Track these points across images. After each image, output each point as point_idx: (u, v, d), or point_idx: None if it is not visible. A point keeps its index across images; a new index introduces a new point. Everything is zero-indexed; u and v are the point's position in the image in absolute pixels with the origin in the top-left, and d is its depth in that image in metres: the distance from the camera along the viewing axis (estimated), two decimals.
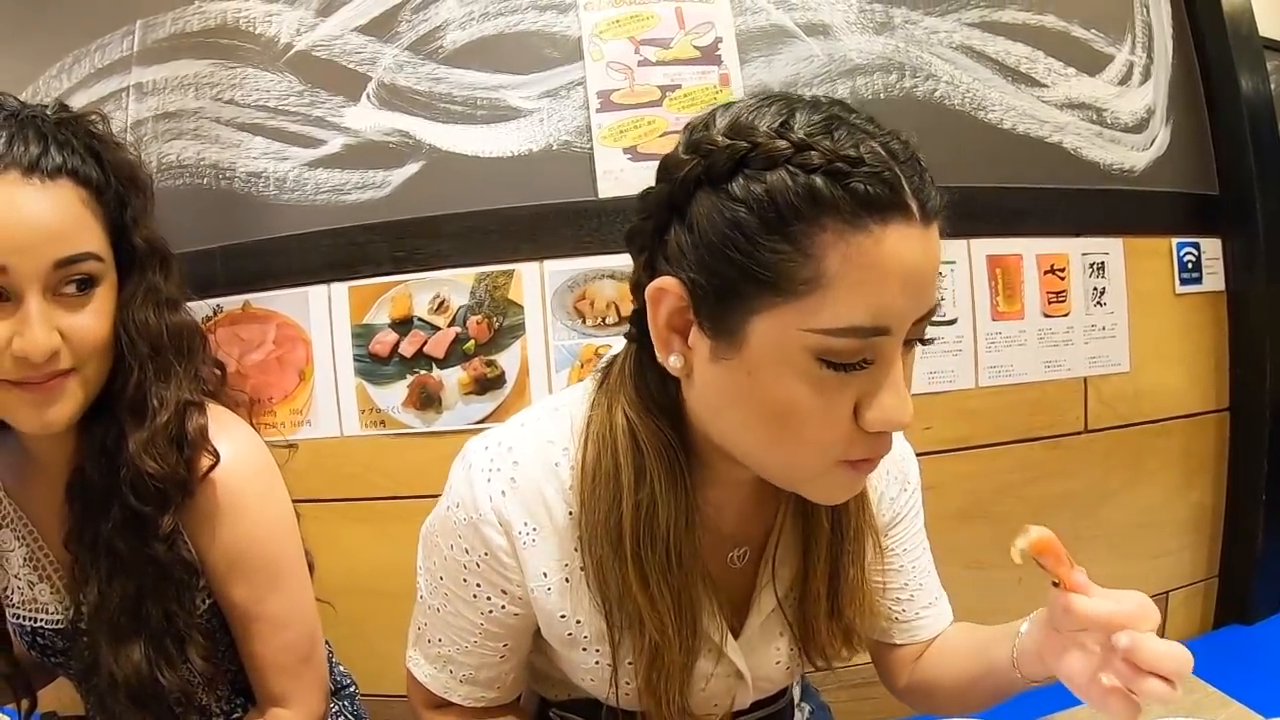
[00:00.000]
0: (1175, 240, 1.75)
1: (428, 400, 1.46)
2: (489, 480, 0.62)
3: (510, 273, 1.45)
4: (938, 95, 1.59)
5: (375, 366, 1.46)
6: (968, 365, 1.60)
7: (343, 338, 1.47)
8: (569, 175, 1.47)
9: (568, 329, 1.46)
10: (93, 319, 0.66)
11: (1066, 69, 1.67)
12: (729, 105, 0.54)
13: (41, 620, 0.78)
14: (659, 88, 1.49)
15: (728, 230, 0.49)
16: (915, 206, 0.48)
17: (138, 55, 1.54)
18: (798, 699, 0.88)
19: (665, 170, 0.55)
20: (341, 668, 0.98)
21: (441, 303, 1.45)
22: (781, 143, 0.48)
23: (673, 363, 0.55)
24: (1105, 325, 1.69)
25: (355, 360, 1.47)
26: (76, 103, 1.02)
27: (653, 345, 0.56)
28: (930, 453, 1.54)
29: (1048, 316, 1.65)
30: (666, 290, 0.53)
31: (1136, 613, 0.52)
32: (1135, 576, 1.72)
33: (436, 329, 1.45)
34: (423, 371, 1.46)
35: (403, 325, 1.45)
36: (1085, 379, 1.68)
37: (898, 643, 0.77)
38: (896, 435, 0.73)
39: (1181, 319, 1.76)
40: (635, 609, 0.60)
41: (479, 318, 1.45)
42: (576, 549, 0.63)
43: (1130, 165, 1.72)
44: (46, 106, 0.68)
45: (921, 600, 0.76)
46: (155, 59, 1.53)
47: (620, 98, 1.48)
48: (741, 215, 0.49)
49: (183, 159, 1.51)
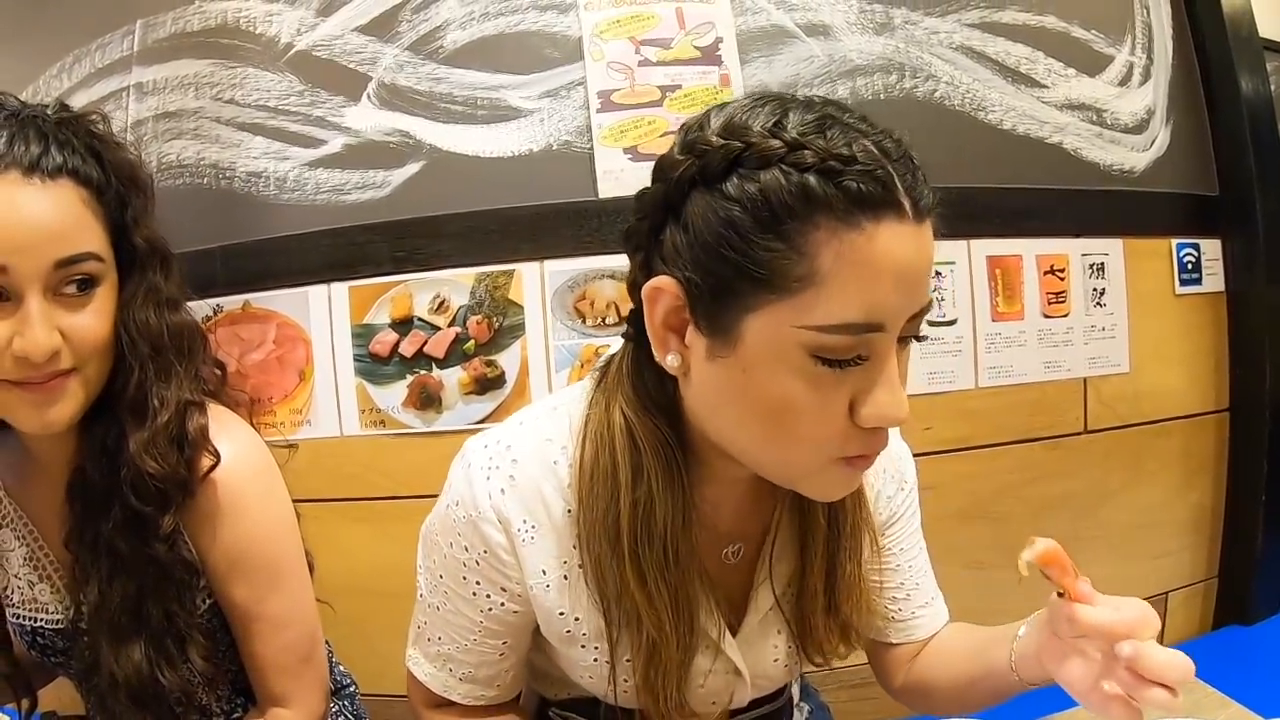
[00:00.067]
0: (1175, 241, 1.75)
1: (428, 400, 1.46)
2: (488, 478, 0.63)
3: (510, 273, 1.45)
4: (938, 96, 1.59)
5: (375, 366, 1.47)
6: (967, 366, 1.60)
7: (343, 338, 1.47)
8: (569, 175, 1.47)
9: (568, 329, 1.46)
10: (93, 319, 0.66)
11: (1066, 70, 1.67)
12: (723, 106, 0.54)
13: (42, 620, 0.78)
14: (659, 88, 1.49)
15: (722, 229, 0.50)
16: (908, 204, 0.48)
17: (138, 55, 1.54)
18: (797, 698, 0.88)
19: (660, 170, 0.55)
20: (341, 668, 0.98)
21: (442, 303, 1.45)
22: (775, 142, 0.48)
23: (670, 362, 0.55)
24: (1105, 326, 1.69)
25: (355, 360, 1.47)
26: (77, 102, 1.02)
27: (650, 344, 0.57)
28: (930, 453, 1.54)
29: (1048, 317, 1.65)
30: (663, 289, 0.54)
31: (1138, 621, 0.52)
32: (1135, 577, 1.71)
33: (436, 329, 1.45)
34: (423, 371, 1.46)
35: (403, 325, 1.46)
36: (1085, 379, 1.68)
37: (893, 642, 0.77)
38: (893, 435, 0.74)
39: (1181, 319, 1.76)
40: (633, 606, 0.61)
41: (479, 318, 1.45)
42: (575, 546, 0.63)
43: (1130, 166, 1.72)
44: (47, 106, 0.68)
45: (918, 600, 0.76)
46: (155, 59, 1.54)
47: (621, 98, 1.48)
48: (736, 214, 0.49)
49: (183, 159, 1.51)
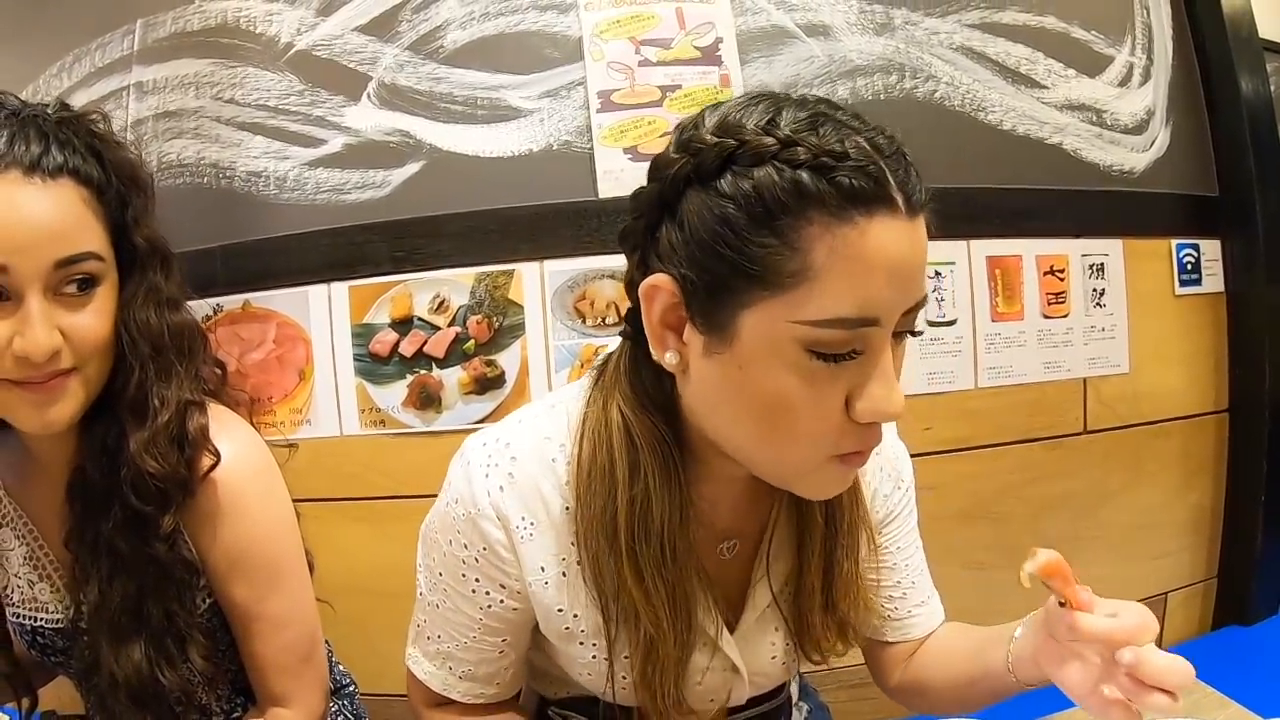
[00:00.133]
0: (1175, 241, 1.75)
1: (428, 400, 1.46)
2: (487, 476, 0.63)
3: (510, 273, 1.45)
4: (938, 96, 1.59)
5: (375, 366, 1.47)
6: (967, 366, 1.60)
7: (343, 337, 1.47)
8: (569, 175, 1.47)
9: (568, 329, 1.46)
10: (94, 318, 0.66)
11: (1066, 70, 1.67)
12: (718, 105, 0.54)
13: (42, 619, 0.78)
14: (659, 88, 1.49)
15: (717, 226, 0.50)
16: (900, 199, 0.49)
17: (138, 54, 1.54)
18: (796, 698, 0.88)
19: (656, 169, 0.55)
20: (341, 667, 0.98)
21: (441, 302, 1.45)
22: (768, 139, 0.49)
23: (668, 359, 0.56)
24: (1105, 326, 1.69)
25: (355, 360, 1.47)
26: (77, 102, 1.02)
27: (647, 342, 0.57)
28: (930, 453, 1.54)
29: (1047, 317, 1.65)
30: (659, 287, 0.54)
31: (1138, 628, 0.52)
32: (1134, 577, 1.72)
33: (436, 329, 1.46)
34: (423, 371, 1.46)
35: (403, 325, 1.46)
36: (1085, 380, 1.68)
37: (890, 640, 0.77)
38: (891, 435, 0.74)
39: (1181, 320, 1.76)
40: (630, 603, 0.61)
41: (479, 317, 1.45)
42: (573, 543, 0.63)
43: (1130, 166, 1.72)
44: (47, 106, 0.68)
45: (914, 598, 0.77)
46: (156, 58, 1.54)
47: (621, 98, 1.48)
48: (730, 211, 0.49)
49: (183, 158, 1.51)
